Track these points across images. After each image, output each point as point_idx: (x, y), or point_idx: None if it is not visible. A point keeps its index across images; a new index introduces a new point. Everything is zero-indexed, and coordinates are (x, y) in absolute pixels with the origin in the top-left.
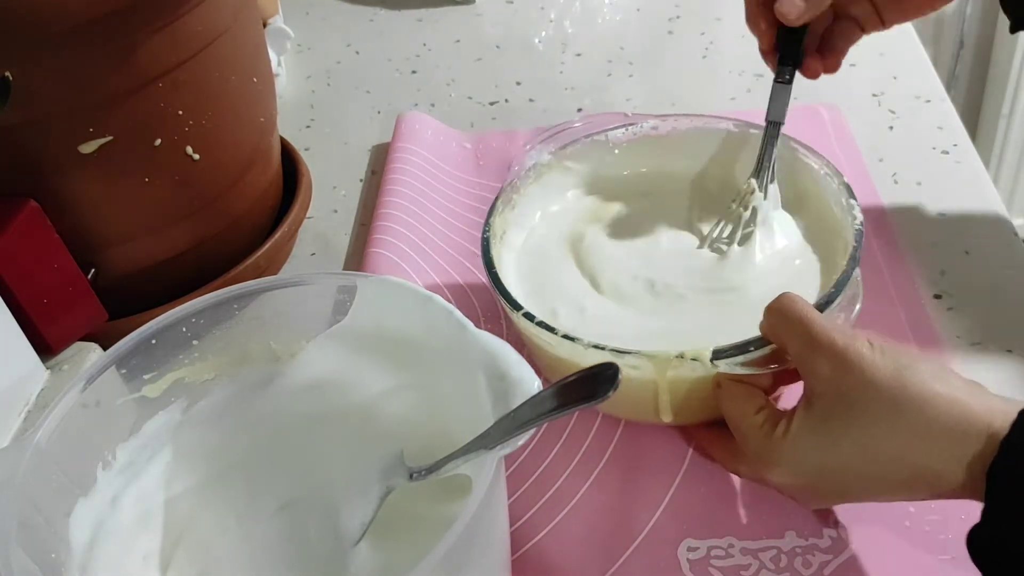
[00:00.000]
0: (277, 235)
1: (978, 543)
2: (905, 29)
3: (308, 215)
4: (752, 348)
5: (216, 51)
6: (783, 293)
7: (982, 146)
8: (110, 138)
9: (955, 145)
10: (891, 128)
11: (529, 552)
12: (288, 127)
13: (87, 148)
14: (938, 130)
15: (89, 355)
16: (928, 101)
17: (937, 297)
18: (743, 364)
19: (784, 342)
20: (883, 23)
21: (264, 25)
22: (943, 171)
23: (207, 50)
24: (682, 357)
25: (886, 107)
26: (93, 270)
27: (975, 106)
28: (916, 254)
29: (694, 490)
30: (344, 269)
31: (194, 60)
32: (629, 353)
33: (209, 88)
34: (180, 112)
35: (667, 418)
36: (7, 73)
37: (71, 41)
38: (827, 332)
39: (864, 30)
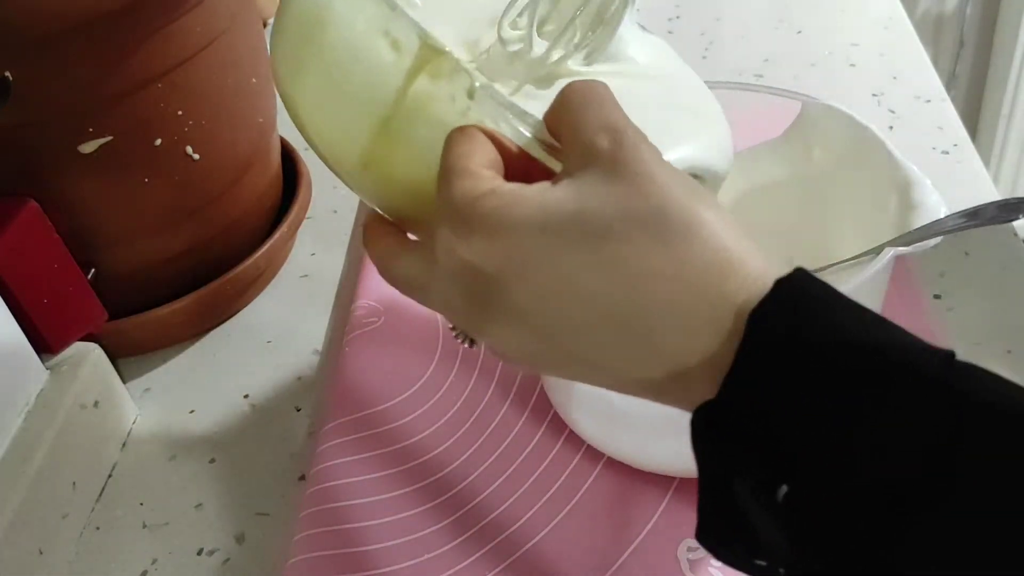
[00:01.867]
0: (277, 235)
1: (713, 415)
2: (905, 29)
3: (308, 215)
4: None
5: (215, 51)
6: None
7: (982, 146)
8: (110, 138)
9: (955, 145)
10: (891, 128)
11: (528, 552)
12: (288, 127)
13: (87, 148)
14: (938, 130)
15: (89, 355)
16: (928, 101)
17: (937, 297)
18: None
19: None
20: None
21: (263, 25)
22: (943, 171)
23: (206, 50)
24: (455, 69)
25: (886, 107)
26: (93, 270)
27: (975, 106)
28: (916, 255)
29: (694, 490)
30: (344, 269)
31: (193, 60)
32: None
33: (208, 88)
34: (180, 112)
35: (362, 145)
36: (7, 73)
37: (71, 41)
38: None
39: None
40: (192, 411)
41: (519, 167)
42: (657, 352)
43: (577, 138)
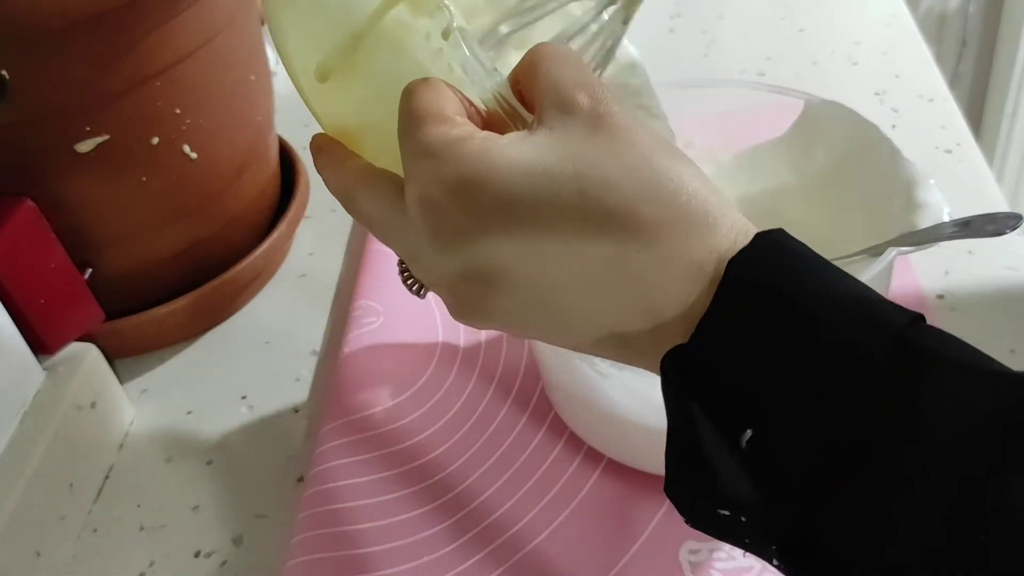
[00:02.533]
0: (275, 234)
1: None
2: (908, 27)
3: (306, 214)
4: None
5: (213, 49)
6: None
7: (985, 145)
8: (107, 137)
9: (958, 144)
10: (894, 127)
11: (529, 554)
12: (286, 126)
13: (84, 147)
14: (941, 129)
15: (86, 356)
16: (931, 100)
17: (940, 297)
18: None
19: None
20: None
21: (262, 23)
22: (946, 170)
23: (204, 48)
24: (438, 7)
25: (888, 106)
26: (90, 270)
27: (978, 105)
28: (919, 254)
29: None
30: (343, 268)
31: (191, 58)
32: None
33: (206, 86)
34: (177, 111)
35: (326, 56)
36: (3, 72)
37: (68, 39)
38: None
39: None
40: (189, 412)
41: (478, 123)
42: (638, 305)
43: (553, 94)
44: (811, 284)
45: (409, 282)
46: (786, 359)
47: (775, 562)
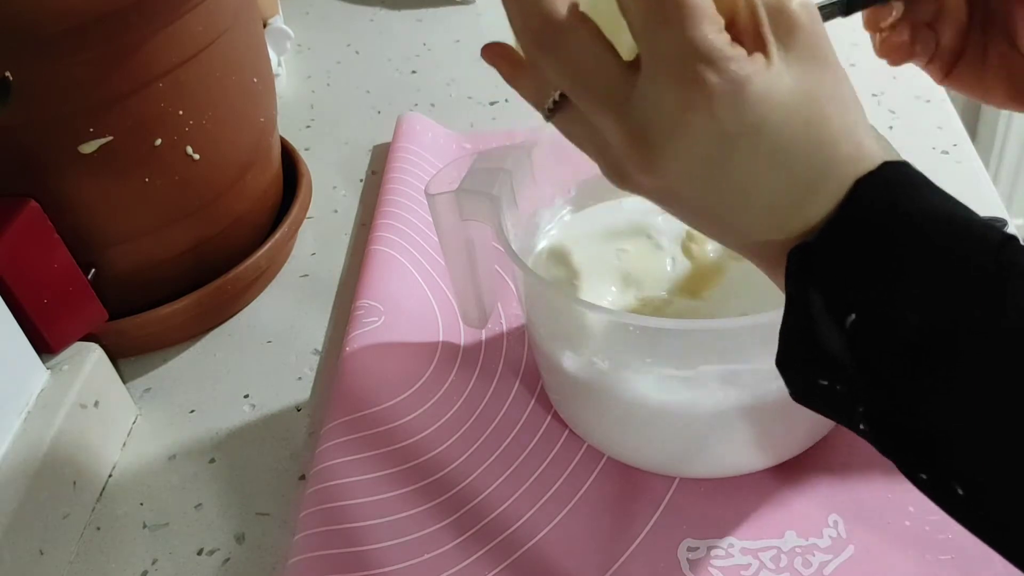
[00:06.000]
0: (277, 235)
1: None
2: None
3: (308, 215)
4: None
5: (216, 51)
6: None
7: (982, 146)
8: (110, 138)
9: (955, 145)
10: (891, 128)
11: (529, 552)
12: (288, 127)
13: (87, 148)
14: (938, 130)
15: (89, 355)
16: (928, 101)
17: None
18: None
19: None
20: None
21: (264, 25)
22: (943, 171)
23: (207, 50)
24: None
25: (886, 107)
26: (93, 270)
27: (975, 106)
28: None
29: (694, 489)
30: (344, 268)
31: (194, 60)
32: None
33: (209, 88)
34: (180, 112)
35: None
36: (7, 73)
37: (71, 41)
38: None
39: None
40: (192, 411)
41: None
42: (791, 222)
43: (775, 6)
44: (922, 203)
45: (550, 110)
46: (894, 259)
47: (862, 427)
